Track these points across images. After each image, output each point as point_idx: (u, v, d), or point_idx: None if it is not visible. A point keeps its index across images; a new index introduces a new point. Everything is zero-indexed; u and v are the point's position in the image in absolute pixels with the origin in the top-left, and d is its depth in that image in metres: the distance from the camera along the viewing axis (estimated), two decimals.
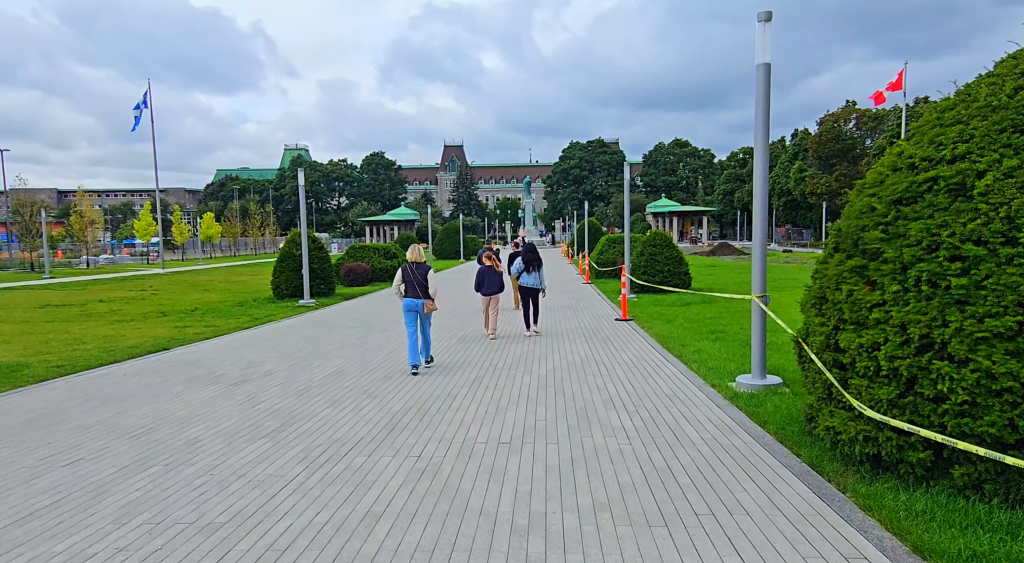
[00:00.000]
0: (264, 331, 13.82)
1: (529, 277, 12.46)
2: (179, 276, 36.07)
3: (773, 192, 76.11)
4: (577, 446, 5.59)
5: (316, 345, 11.54)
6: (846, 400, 4.60)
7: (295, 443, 5.81)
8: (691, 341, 10.96)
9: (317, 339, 12.27)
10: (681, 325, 12.93)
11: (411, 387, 8.02)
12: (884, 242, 4.42)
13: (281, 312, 17.56)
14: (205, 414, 6.87)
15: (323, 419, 6.61)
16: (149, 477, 4.97)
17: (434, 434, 6.02)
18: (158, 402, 7.44)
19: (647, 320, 13.99)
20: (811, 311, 5.20)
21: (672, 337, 11.48)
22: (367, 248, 29.15)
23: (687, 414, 6.55)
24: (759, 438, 5.65)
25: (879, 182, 4.79)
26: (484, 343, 11.46)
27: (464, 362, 9.67)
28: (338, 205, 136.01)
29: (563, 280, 27.81)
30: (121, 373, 9.28)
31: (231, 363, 9.89)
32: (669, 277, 19.91)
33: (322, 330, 13.60)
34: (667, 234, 21.65)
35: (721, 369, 8.53)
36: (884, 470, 4.50)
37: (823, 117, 67.19)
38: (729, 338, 11.11)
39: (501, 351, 10.60)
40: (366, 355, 10.43)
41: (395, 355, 10.35)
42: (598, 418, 6.47)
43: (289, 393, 7.82)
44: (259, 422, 6.52)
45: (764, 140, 7.22)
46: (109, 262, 58.32)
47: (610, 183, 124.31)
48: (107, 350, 11.44)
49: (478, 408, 6.95)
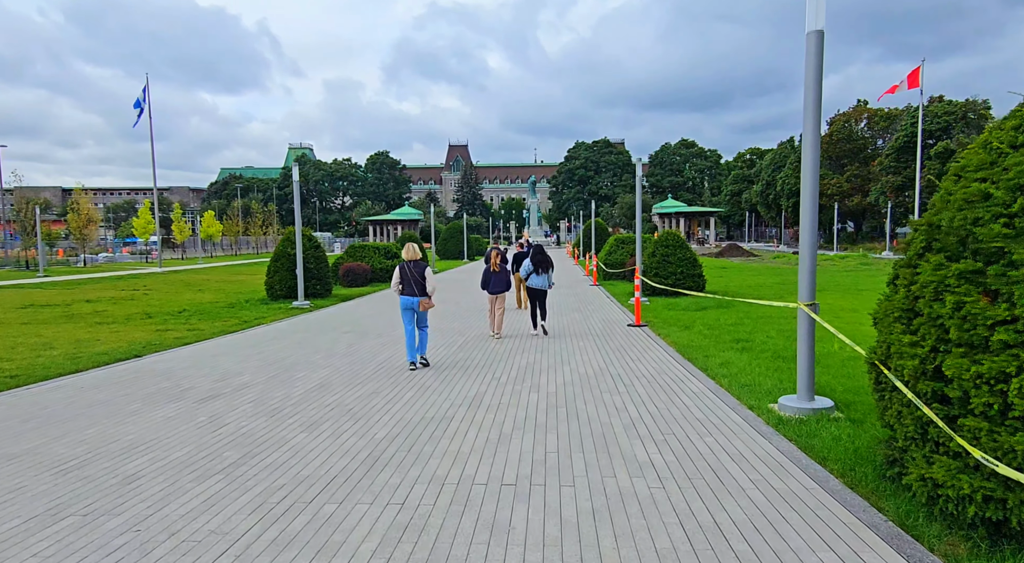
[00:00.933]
0: (250, 336, 12.79)
1: (538, 279, 12.10)
2: (175, 275, 35.13)
3: (782, 193, 74.83)
4: (598, 490, 4.53)
5: (303, 352, 10.51)
6: (954, 445, 3.53)
7: (254, 482, 4.77)
8: (715, 351, 9.90)
9: (306, 345, 11.24)
10: (700, 332, 11.86)
11: (401, 406, 6.98)
12: (1010, 240, 3.36)
13: (272, 314, 16.55)
14: (155, 441, 5.84)
15: (293, 448, 5.57)
16: (56, 534, 3.93)
17: (423, 471, 4.97)
18: (105, 424, 6.41)
19: (663, 326, 12.93)
20: (895, 327, 4.14)
21: (693, 346, 10.41)
22: (367, 247, 28.12)
23: (726, 445, 5.48)
24: (822, 482, 4.59)
25: (989, 163, 3.72)
26: (487, 350, 10.42)
27: (464, 373, 8.62)
28: (342, 204, 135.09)
29: (570, 282, 26.75)
30: (76, 386, 8.25)
31: (204, 374, 8.86)
32: (682, 279, 18.83)
33: (313, 335, 12.57)
34: (679, 234, 20.57)
35: (756, 387, 7.46)
36: (1009, 539, 3.44)
37: (833, 117, 65.89)
38: (757, 348, 10.04)
39: (505, 360, 9.55)
40: (355, 364, 9.39)
41: (388, 364, 9.31)
42: (620, 450, 5.42)
43: (260, 412, 6.78)
44: (217, 452, 5.48)
45: (815, 121, 6.15)
46: (109, 261, 57.53)
47: (616, 183, 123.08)
48: (73, 357, 10.43)
49: (477, 434, 5.90)
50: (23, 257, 43.90)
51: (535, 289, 12.11)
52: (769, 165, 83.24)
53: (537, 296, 12.11)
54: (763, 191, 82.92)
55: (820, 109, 6.22)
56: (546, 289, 12.13)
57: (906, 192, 51.09)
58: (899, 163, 52.20)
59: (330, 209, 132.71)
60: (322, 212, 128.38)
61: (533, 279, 12.12)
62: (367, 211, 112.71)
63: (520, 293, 16.47)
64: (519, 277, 13.16)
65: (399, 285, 8.94)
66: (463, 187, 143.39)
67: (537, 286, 12.10)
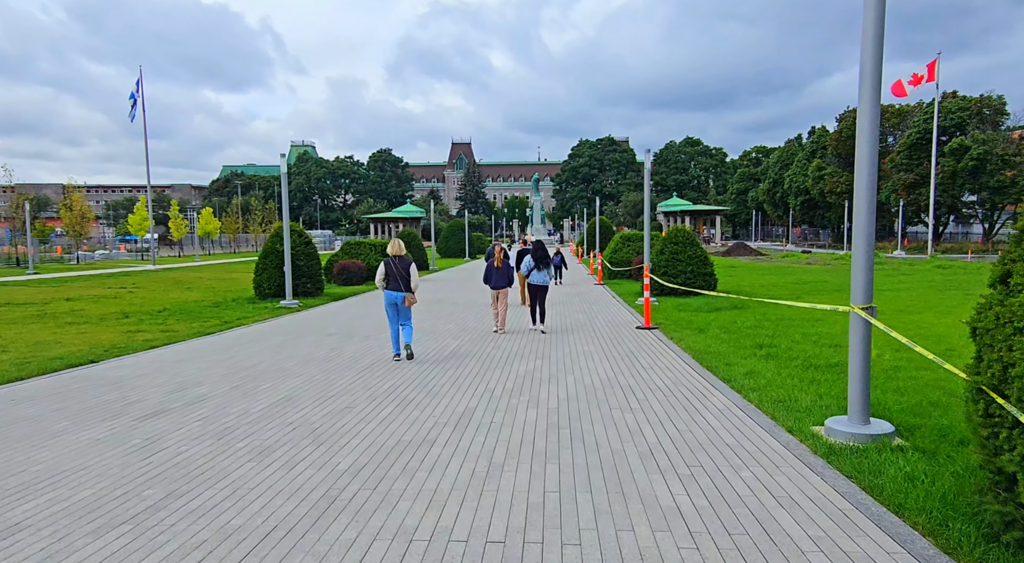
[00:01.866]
0: (226, 338, 11.75)
1: (539, 275, 12.05)
2: (168, 273, 34.13)
3: (790, 191, 73.57)
4: (612, 552, 3.46)
5: (278, 358, 9.46)
6: None
7: (167, 537, 3.71)
8: (736, 359, 8.82)
9: (283, 349, 10.19)
10: (717, 336, 10.78)
11: (375, 426, 5.92)
12: None
13: (257, 314, 15.53)
14: (68, 472, 4.78)
15: (233, 484, 4.51)
16: None
17: (388, 520, 3.90)
18: (16, 449, 5.35)
19: (675, 329, 11.85)
20: (1018, 341, 3.05)
21: (711, 352, 9.33)
22: (363, 244, 27.06)
23: (769, 482, 4.41)
24: (907, 543, 3.50)
25: None
26: (482, 355, 9.35)
27: (454, 382, 7.55)
28: (344, 202, 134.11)
29: (574, 280, 25.69)
30: (8, 398, 7.21)
31: (158, 384, 7.81)
32: (693, 279, 17.73)
33: (294, 337, 11.52)
34: (689, 231, 19.47)
35: (792, 403, 6.38)
36: None
37: (843, 113, 64.48)
38: (783, 356, 8.95)
39: (501, 369, 8.48)
40: (333, 373, 8.33)
41: (368, 373, 8.25)
42: (638, 489, 4.35)
43: (208, 433, 5.73)
44: (136, 489, 4.43)
45: (874, 85, 5.07)
46: (105, 258, 56.69)
47: (620, 181, 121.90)
48: (23, 362, 9.39)
49: (462, 465, 4.84)
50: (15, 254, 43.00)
51: (536, 285, 12.05)
52: (776, 163, 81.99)
53: (538, 292, 12.06)
54: (770, 189, 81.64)
55: (880, 75, 5.13)
56: (547, 286, 12.10)
57: (919, 190, 49.83)
58: (911, 160, 50.90)
59: (332, 207, 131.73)
60: (324, 210, 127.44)
61: (534, 276, 12.04)
62: (369, 209, 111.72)
63: (523, 290, 16.35)
64: (521, 274, 13.44)
65: (384, 280, 9.03)
66: (466, 185, 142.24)
67: (538, 282, 12.04)
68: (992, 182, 44.13)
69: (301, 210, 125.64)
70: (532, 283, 12.07)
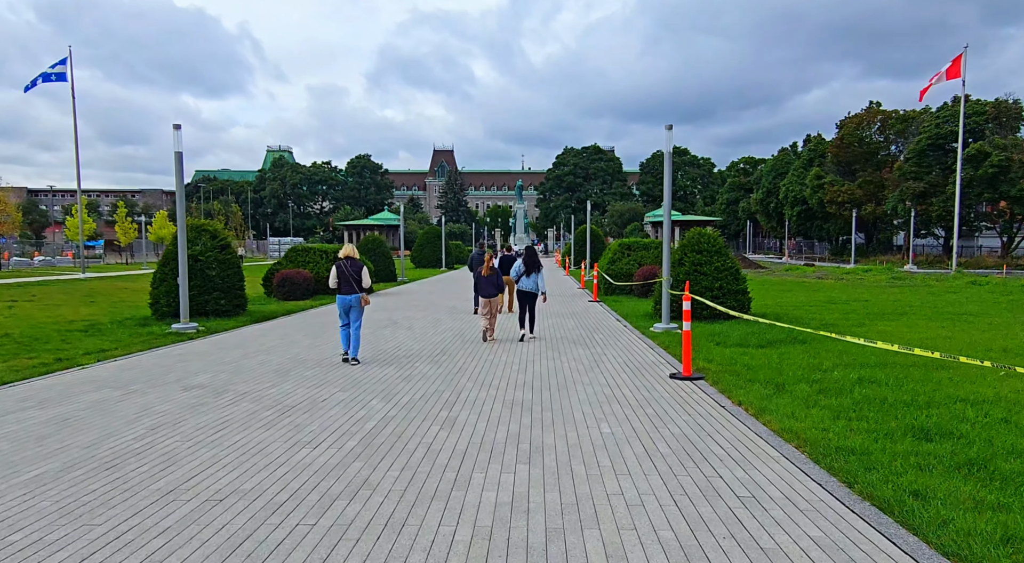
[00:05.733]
0: (42, 387, 7.34)
1: (528, 281, 11.76)
2: (91, 283, 29.33)
3: (786, 201, 70.12)
4: None
5: (31, 453, 5.09)
6: None
7: None
8: (886, 459, 4.63)
9: (64, 430, 5.82)
10: (812, 400, 6.61)
11: None
12: None
13: (128, 344, 11.16)
14: None
15: None
16: None
17: None
18: None
19: (731, 380, 7.66)
20: None
21: (845, 449, 5.07)
22: (311, 250, 22.59)
23: None
24: None
25: None
26: (465, 406, 5.07)
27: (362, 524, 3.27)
28: (321, 209, 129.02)
29: (564, 296, 21.39)
30: None
31: None
32: (722, 297, 13.66)
33: (119, 398, 7.15)
34: (716, 236, 15.35)
35: None
36: None
37: (843, 120, 61.09)
38: (982, 457, 4.75)
39: (468, 485, 4.20)
40: (132, 488, 3.98)
41: (179, 497, 3.91)
42: None
43: None
44: None
45: None
46: (46, 264, 51.71)
47: (606, 191, 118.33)
48: None
49: None
50: None
51: (525, 292, 11.78)
52: (770, 172, 78.69)
53: (527, 299, 11.81)
54: (763, 199, 78.24)
55: None
56: (536, 292, 11.81)
57: (929, 199, 46.37)
58: (921, 168, 47.44)
59: (308, 214, 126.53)
60: (299, 217, 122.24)
61: (523, 281, 11.76)
62: (346, 216, 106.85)
63: (511, 297, 15.85)
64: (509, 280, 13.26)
65: (336, 282, 9.15)
66: (447, 193, 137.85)
67: (527, 289, 11.75)
68: (1014, 191, 40.68)
69: (276, 216, 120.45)
70: (521, 289, 11.78)
